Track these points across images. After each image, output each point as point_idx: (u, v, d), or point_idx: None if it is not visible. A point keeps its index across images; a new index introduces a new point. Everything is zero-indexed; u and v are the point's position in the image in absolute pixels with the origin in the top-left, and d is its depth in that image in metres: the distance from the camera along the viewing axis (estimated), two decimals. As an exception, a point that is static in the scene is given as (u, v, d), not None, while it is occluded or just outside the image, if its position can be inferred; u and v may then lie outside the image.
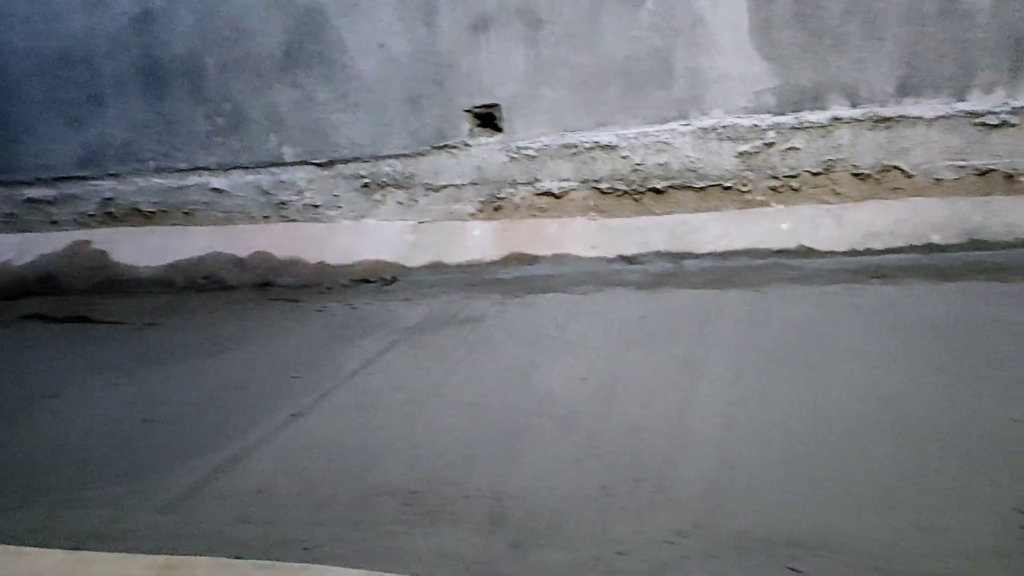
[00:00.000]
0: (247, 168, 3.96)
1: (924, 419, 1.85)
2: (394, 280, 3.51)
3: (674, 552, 1.46)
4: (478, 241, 3.53)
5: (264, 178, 3.93)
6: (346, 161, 3.80)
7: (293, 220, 3.93)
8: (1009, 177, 3.10)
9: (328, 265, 3.68)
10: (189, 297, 3.73)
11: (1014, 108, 3.04)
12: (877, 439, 1.78)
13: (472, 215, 3.64)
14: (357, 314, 3.15)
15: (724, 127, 3.29)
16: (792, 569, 1.37)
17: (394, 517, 1.67)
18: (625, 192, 3.44)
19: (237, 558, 1.52)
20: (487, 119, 3.55)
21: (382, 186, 3.77)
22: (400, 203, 3.75)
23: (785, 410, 1.96)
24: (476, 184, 3.61)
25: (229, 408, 2.35)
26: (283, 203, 3.92)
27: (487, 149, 3.56)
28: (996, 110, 3.06)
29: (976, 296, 2.58)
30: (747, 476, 1.69)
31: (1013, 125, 3.05)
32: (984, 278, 2.73)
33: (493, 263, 3.46)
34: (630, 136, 3.38)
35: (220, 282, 3.79)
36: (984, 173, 3.12)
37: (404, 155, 3.70)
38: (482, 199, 3.62)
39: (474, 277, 3.38)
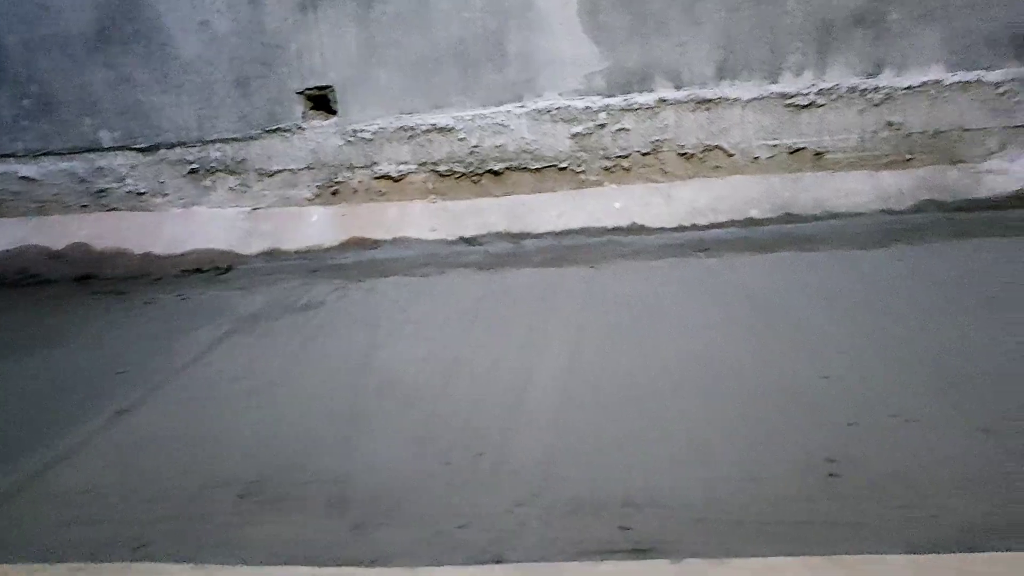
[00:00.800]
0: (60, 154, 3.65)
1: (742, 379, 1.97)
2: (229, 269, 3.35)
3: (513, 521, 1.48)
4: (316, 226, 3.43)
5: (80, 165, 3.64)
6: (171, 146, 3.58)
7: (115, 209, 3.67)
8: (818, 155, 3.36)
9: (156, 256, 3.46)
10: (2, 294, 3.40)
11: (821, 89, 3.29)
12: (700, 400, 1.89)
13: (309, 200, 3.53)
14: (189, 305, 2.98)
15: (558, 109, 3.36)
16: (623, 527, 1.43)
17: (232, 508, 1.60)
18: (464, 174, 3.45)
19: (58, 562, 1.40)
20: (321, 101, 3.44)
21: (212, 172, 3.58)
22: (232, 189, 3.58)
23: (617, 379, 2.03)
24: (312, 168, 3.50)
25: (48, 408, 2.16)
26: (103, 191, 3.64)
27: (322, 132, 3.46)
28: (805, 91, 3.30)
29: (789, 265, 2.78)
30: (582, 443, 1.74)
31: (820, 106, 3.31)
32: (796, 249, 2.94)
33: (333, 248, 3.38)
34: (467, 118, 3.38)
35: (36, 277, 3.48)
36: (795, 151, 3.36)
37: (234, 139, 3.53)
38: (319, 184, 3.52)
39: (314, 263, 3.29)
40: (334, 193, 3.51)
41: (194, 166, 3.58)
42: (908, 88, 3.25)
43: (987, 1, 3.12)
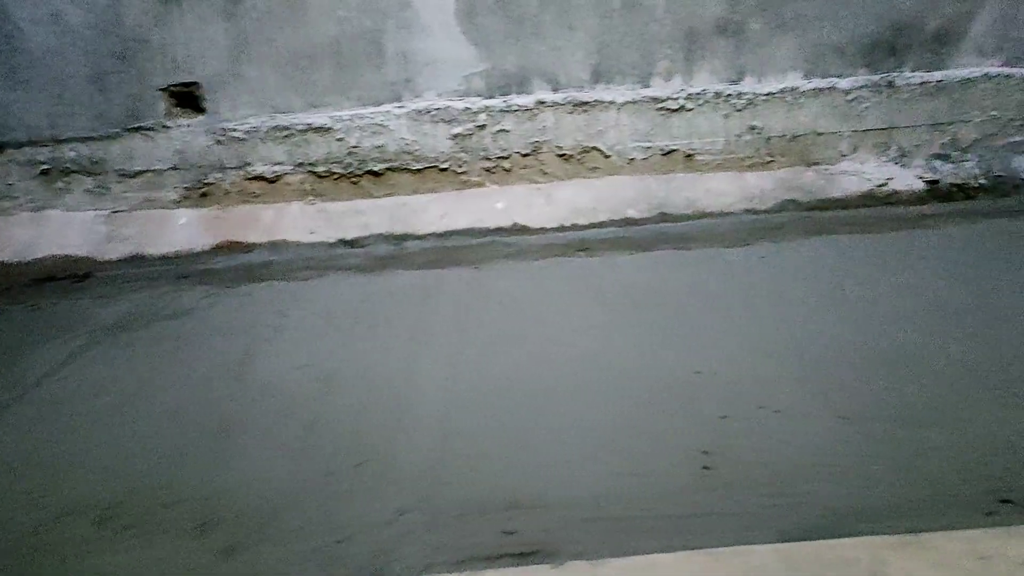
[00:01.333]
0: None
1: (621, 375, 2.02)
2: (87, 276, 3.14)
3: (395, 531, 1.45)
4: (184, 230, 3.27)
5: (-89, 165, 3.32)
6: (19, 145, 3.32)
7: (-46, 214, 3.37)
8: (688, 157, 3.48)
9: (2, 263, 3.20)
10: None
11: (690, 94, 3.42)
12: (583, 398, 1.92)
13: (176, 202, 3.35)
14: (42, 316, 2.77)
15: (437, 109, 3.34)
16: (507, 532, 1.43)
17: (87, 536, 1.49)
18: (343, 175, 3.37)
19: None
20: (187, 99, 3.28)
21: (66, 173, 3.34)
22: (90, 191, 3.36)
23: (501, 380, 2.04)
24: (179, 169, 3.33)
25: None
26: (-61, 194, 3.34)
27: (189, 131, 3.30)
28: (675, 96, 3.42)
29: (665, 263, 2.87)
30: (467, 447, 1.73)
31: (689, 110, 3.43)
32: (671, 247, 3.04)
33: (203, 253, 3.22)
34: (345, 118, 3.31)
35: None
36: (668, 153, 3.48)
37: (91, 138, 3.31)
38: (187, 185, 3.35)
39: (182, 269, 3.13)
40: (204, 195, 3.35)
41: (46, 167, 3.33)
42: (768, 94, 3.42)
43: (836, 14, 3.33)
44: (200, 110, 3.29)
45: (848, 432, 1.70)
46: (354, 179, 3.38)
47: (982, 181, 3.40)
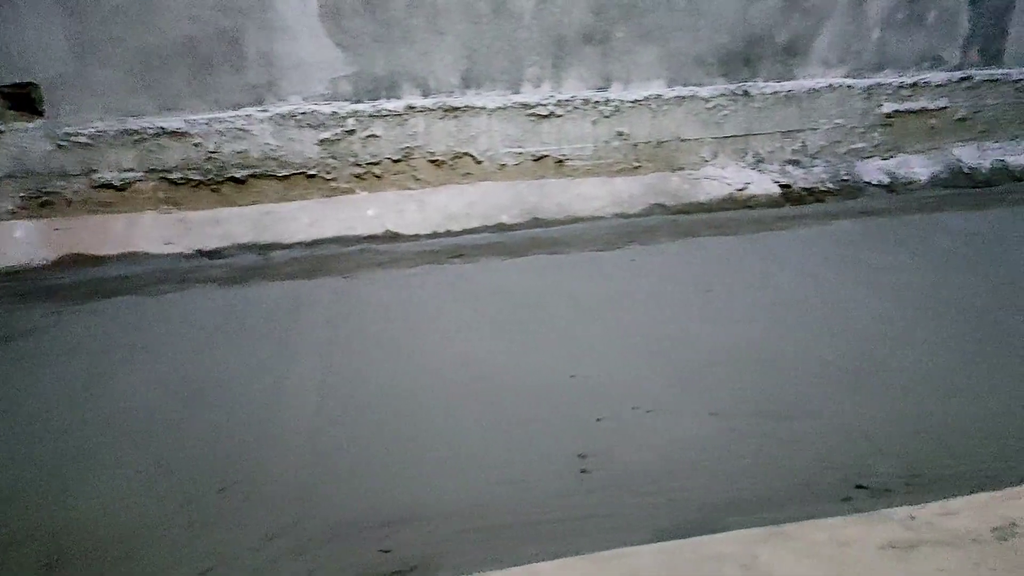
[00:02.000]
0: None
1: (496, 381, 2.00)
2: (-92, 297, 2.82)
3: (263, 558, 1.37)
4: (22, 243, 3.00)
5: None
6: None
7: None
8: (559, 162, 3.53)
9: None
10: None
11: (559, 101, 3.46)
12: (460, 407, 1.88)
13: (12, 213, 3.07)
14: None
15: (303, 114, 3.23)
16: (383, 550, 1.37)
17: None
18: (201, 182, 3.19)
19: None
20: (23, 101, 3.01)
21: None
22: (-91, 202, 3.03)
23: (374, 391, 1.97)
24: (15, 177, 3.05)
25: None
26: None
27: (26, 136, 3.03)
28: (544, 102, 3.45)
29: (539, 268, 2.88)
30: (340, 463, 1.66)
31: (559, 116, 3.48)
32: (545, 251, 3.07)
33: (45, 268, 2.97)
34: (201, 122, 3.14)
35: None
36: (539, 159, 3.51)
37: (-90, 142, 2.99)
38: (24, 194, 3.07)
39: (20, 286, 2.86)
40: (44, 205, 3.08)
41: None
42: (634, 101, 3.51)
43: (695, 25, 3.47)
44: (38, 113, 3.02)
45: (718, 428, 1.75)
46: (214, 187, 3.21)
47: (830, 185, 3.63)
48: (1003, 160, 3.77)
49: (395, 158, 3.37)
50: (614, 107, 3.50)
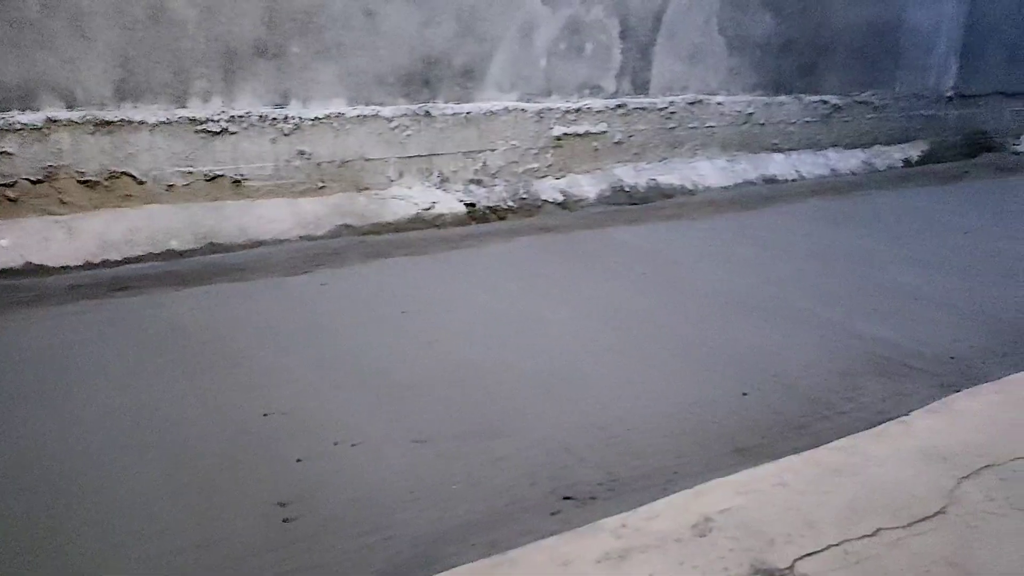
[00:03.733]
0: None
1: (180, 430, 1.76)
2: None
3: None
4: None
5: None
6: None
7: None
8: (236, 183, 3.28)
9: None
10: None
11: (232, 116, 3.22)
12: (132, 464, 1.62)
13: None
14: None
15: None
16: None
17: None
18: None
19: None
20: None
21: None
22: None
23: (22, 459, 1.63)
24: None
25: None
26: None
27: None
28: (216, 118, 3.19)
29: (219, 297, 2.64)
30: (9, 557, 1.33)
31: (234, 133, 3.23)
32: (225, 279, 2.82)
33: None
34: None
35: None
36: (213, 179, 3.23)
37: None
38: None
39: None
40: None
41: None
42: (315, 119, 3.39)
43: (374, 44, 3.45)
44: None
45: (424, 455, 1.71)
46: None
47: (511, 203, 3.82)
48: (655, 179, 4.26)
49: (35, 179, 2.89)
50: (294, 125, 3.35)
